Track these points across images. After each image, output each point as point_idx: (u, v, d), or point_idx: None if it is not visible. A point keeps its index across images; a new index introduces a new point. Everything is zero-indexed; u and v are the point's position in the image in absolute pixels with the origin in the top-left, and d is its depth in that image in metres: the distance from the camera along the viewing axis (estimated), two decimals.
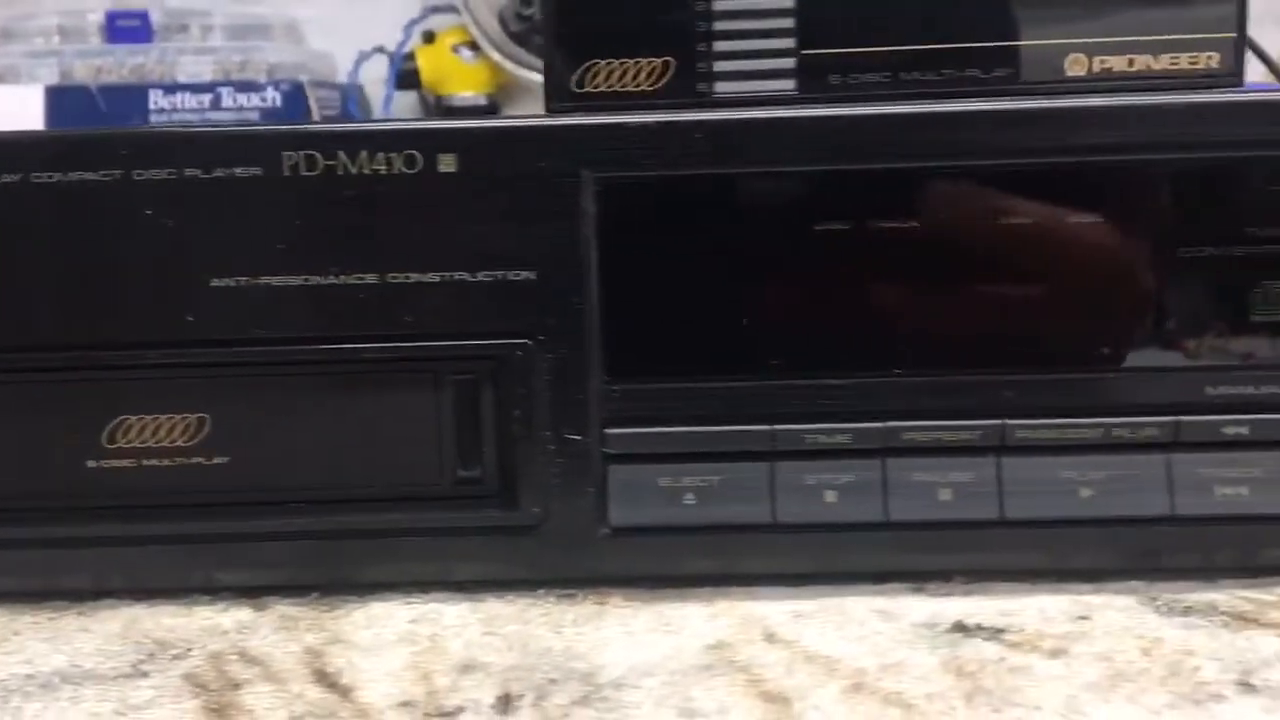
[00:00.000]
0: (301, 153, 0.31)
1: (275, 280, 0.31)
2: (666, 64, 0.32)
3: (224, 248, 0.31)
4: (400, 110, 0.90)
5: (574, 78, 0.32)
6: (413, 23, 1.25)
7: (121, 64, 0.90)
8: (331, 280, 0.31)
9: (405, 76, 0.85)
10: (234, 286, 0.31)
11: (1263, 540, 0.31)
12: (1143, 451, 0.31)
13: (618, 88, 0.32)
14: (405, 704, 0.27)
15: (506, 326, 0.31)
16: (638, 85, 0.32)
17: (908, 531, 0.32)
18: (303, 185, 0.31)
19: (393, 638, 0.31)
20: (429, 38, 1.20)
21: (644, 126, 0.31)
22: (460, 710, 0.27)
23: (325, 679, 0.28)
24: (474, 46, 1.11)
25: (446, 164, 0.31)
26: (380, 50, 1.17)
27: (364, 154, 0.30)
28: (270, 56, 1.14)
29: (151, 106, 0.98)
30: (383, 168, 0.31)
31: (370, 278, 0.31)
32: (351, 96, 0.80)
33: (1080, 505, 0.31)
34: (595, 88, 0.32)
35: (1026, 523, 0.31)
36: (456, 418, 0.32)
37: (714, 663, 0.28)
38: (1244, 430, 0.31)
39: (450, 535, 0.33)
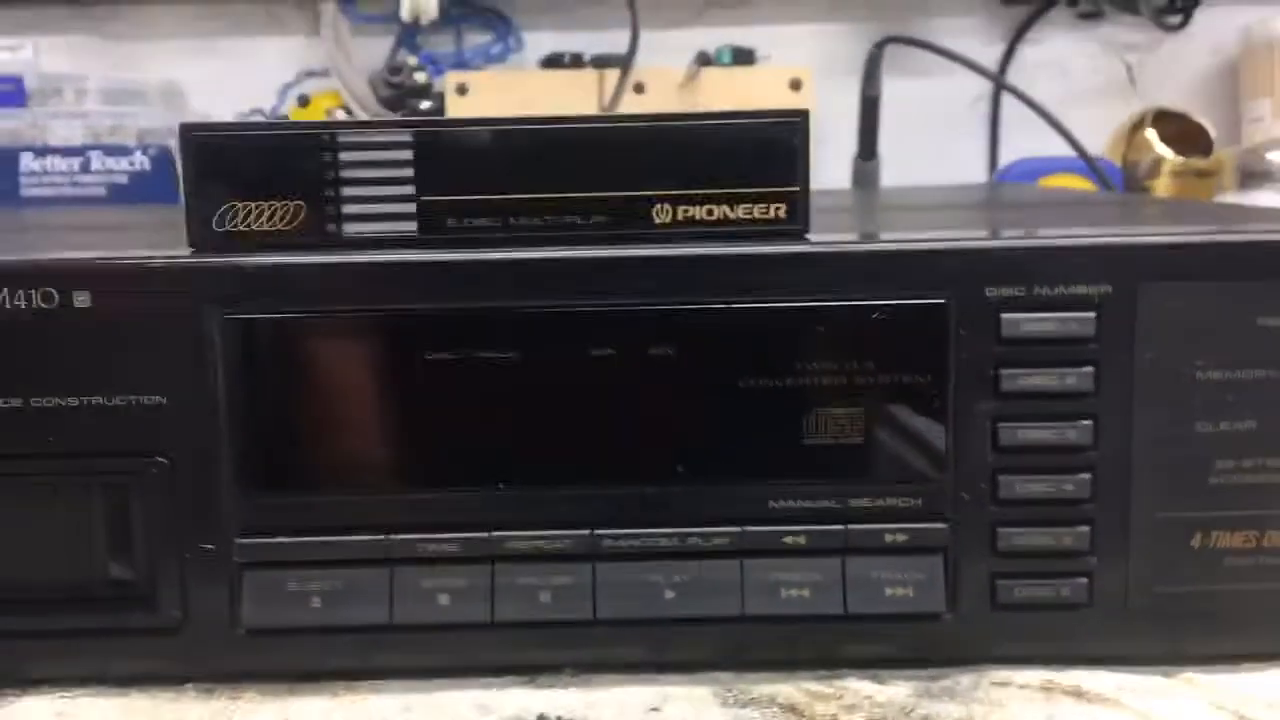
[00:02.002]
0: None
1: None
2: (299, 207, 0.35)
3: None
4: None
5: (213, 218, 0.35)
6: (287, 87, 1.28)
7: None
8: None
9: None
10: None
11: (828, 637, 0.35)
12: (715, 558, 0.35)
13: (254, 227, 0.35)
14: None
15: (142, 446, 0.34)
16: (273, 225, 0.35)
17: (514, 630, 0.35)
18: None
19: None
20: (304, 101, 1.24)
21: (268, 267, 0.34)
22: None
23: None
24: (347, 110, 1.15)
25: (81, 300, 0.34)
26: (258, 112, 1.21)
27: (4, 291, 0.33)
28: (142, 121, 1.17)
29: (22, 169, 1.00)
30: (22, 304, 0.34)
31: (15, 402, 0.34)
32: None
33: (666, 605, 0.35)
34: (234, 227, 0.35)
35: (618, 622, 0.35)
36: (107, 527, 0.35)
37: None
38: (801, 539, 0.35)
39: (102, 635, 0.35)
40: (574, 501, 0.35)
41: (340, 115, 1.22)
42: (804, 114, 0.35)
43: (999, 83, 1.12)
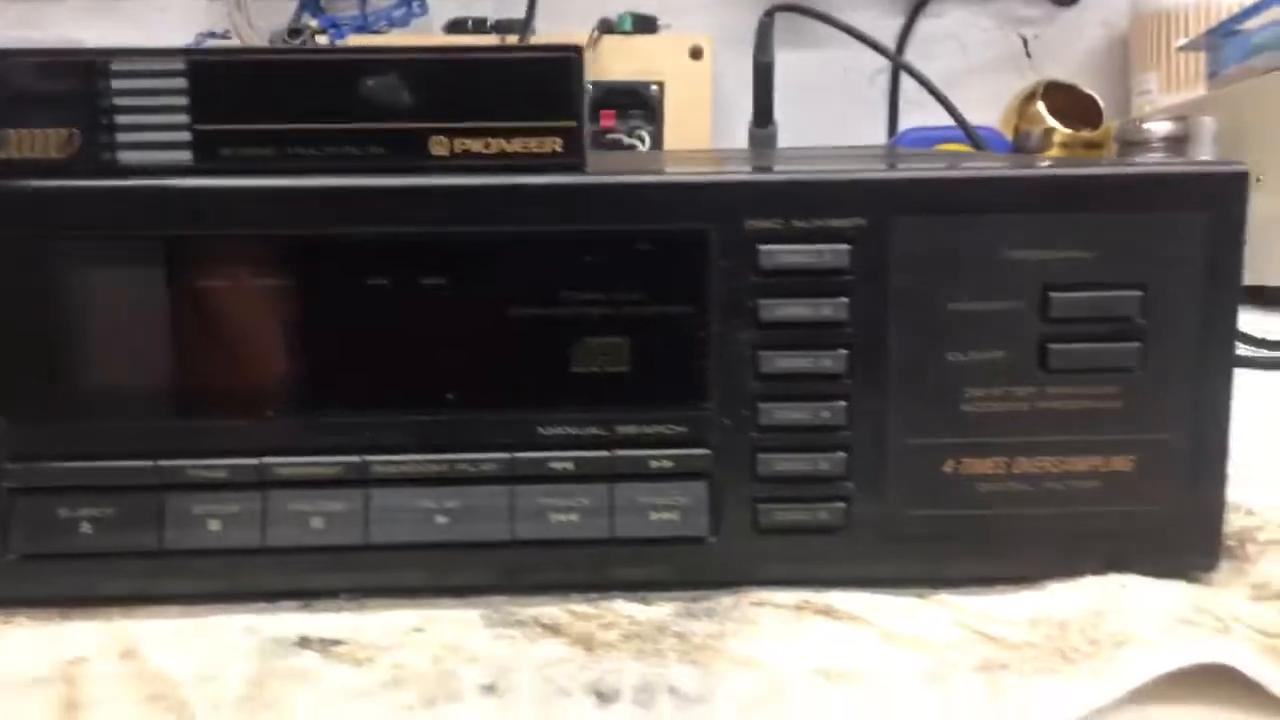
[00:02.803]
0: None
1: None
2: (72, 134, 0.35)
3: None
4: None
5: None
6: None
7: None
8: None
9: None
10: None
11: (597, 560, 0.36)
12: (486, 484, 0.35)
13: (28, 154, 0.35)
14: None
15: None
16: (47, 152, 0.35)
17: (287, 555, 0.35)
18: None
19: None
20: None
21: (37, 192, 0.34)
22: None
23: None
24: None
25: None
26: None
27: None
28: None
29: None
30: None
31: None
32: None
33: (439, 531, 0.36)
34: (7, 154, 0.35)
35: (391, 546, 0.35)
36: None
37: (50, 677, 0.32)
38: (569, 465, 0.35)
39: None
40: (345, 428, 0.35)
41: None
42: (578, 49, 0.36)
43: (888, 55, 1.13)
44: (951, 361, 0.35)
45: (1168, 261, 0.34)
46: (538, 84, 0.36)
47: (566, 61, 0.36)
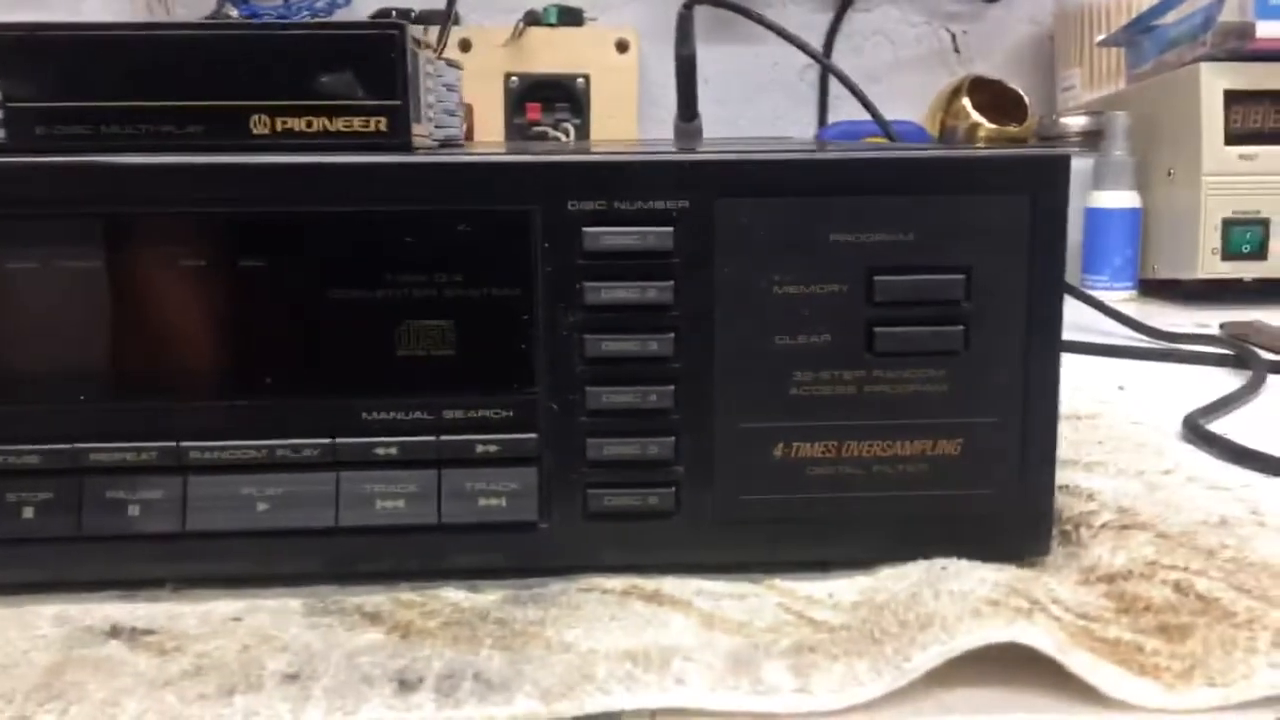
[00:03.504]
0: None
1: None
2: None
3: None
4: None
5: None
6: None
7: None
8: None
9: None
10: None
11: (424, 548, 0.36)
12: (308, 470, 0.35)
13: None
14: None
15: None
16: None
17: (102, 543, 0.35)
18: None
19: None
20: None
21: None
22: None
23: None
24: None
25: None
26: None
27: None
28: None
29: None
30: None
31: None
32: None
33: (259, 518, 0.35)
34: None
35: (210, 534, 0.35)
36: None
37: None
38: (394, 451, 0.35)
39: None
40: (161, 414, 0.35)
41: None
42: (400, 26, 0.35)
43: (810, 53, 1.13)
44: (779, 345, 0.35)
45: (990, 245, 0.34)
46: (361, 62, 0.35)
47: (389, 39, 0.35)
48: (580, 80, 1.24)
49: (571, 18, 1.26)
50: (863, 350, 0.35)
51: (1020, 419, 0.35)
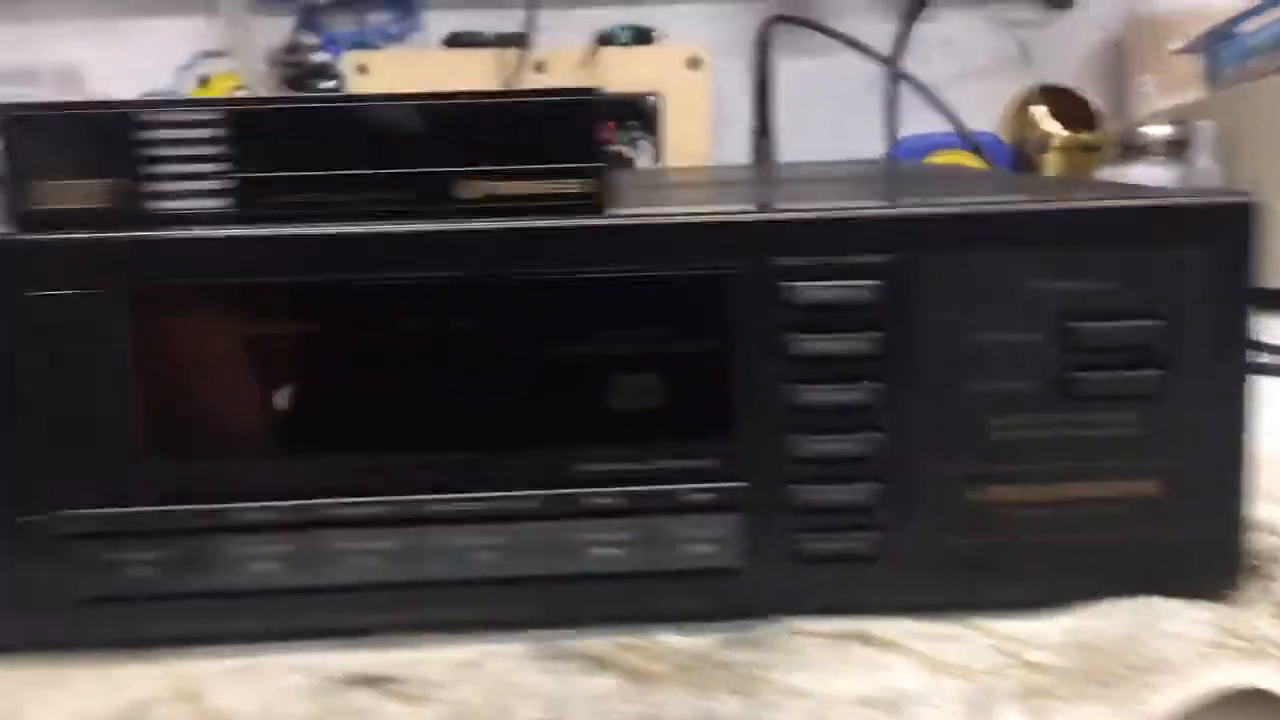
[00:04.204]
0: None
1: None
2: (111, 185, 0.36)
3: None
4: None
5: (27, 195, 0.36)
6: (182, 69, 1.27)
7: None
8: None
9: None
10: None
11: (637, 593, 0.37)
12: (529, 520, 0.36)
13: (68, 205, 0.36)
14: None
15: None
16: (87, 203, 0.36)
17: (338, 594, 0.36)
18: None
19: None
20: (203, 81, 1.23)
21: (73, 244, 0.35)
22: None
23: None
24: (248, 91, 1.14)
25: None
26: (154, 94, 1.19)
27: None
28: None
29: None
30: None
31: None
32: None
33: (484, 567, 0.36)
34: (47, 205, 0.36)
35: (439, 583, 0.36)
36: None
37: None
38: (607, 501, 0.36)
39: None
40: (389, 470, 0.36)
41: (242, 95, 1.21)
42: (594, 90, 0.36)
43: (884, 61, 1.14)
44: (978, 391, 0.36)
45: (1184, 290, 0.35)
46: (557, 127, 0.36)
47: (585, 105, 0.36)
48: (653, 98, 1.25)
49: (643, 37, 1.28)
50: (1060, 395, 0.36)
51: (1214, 458, 0.36)
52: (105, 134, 0.36)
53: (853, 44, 1.09)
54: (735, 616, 0.37)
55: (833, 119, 1.40)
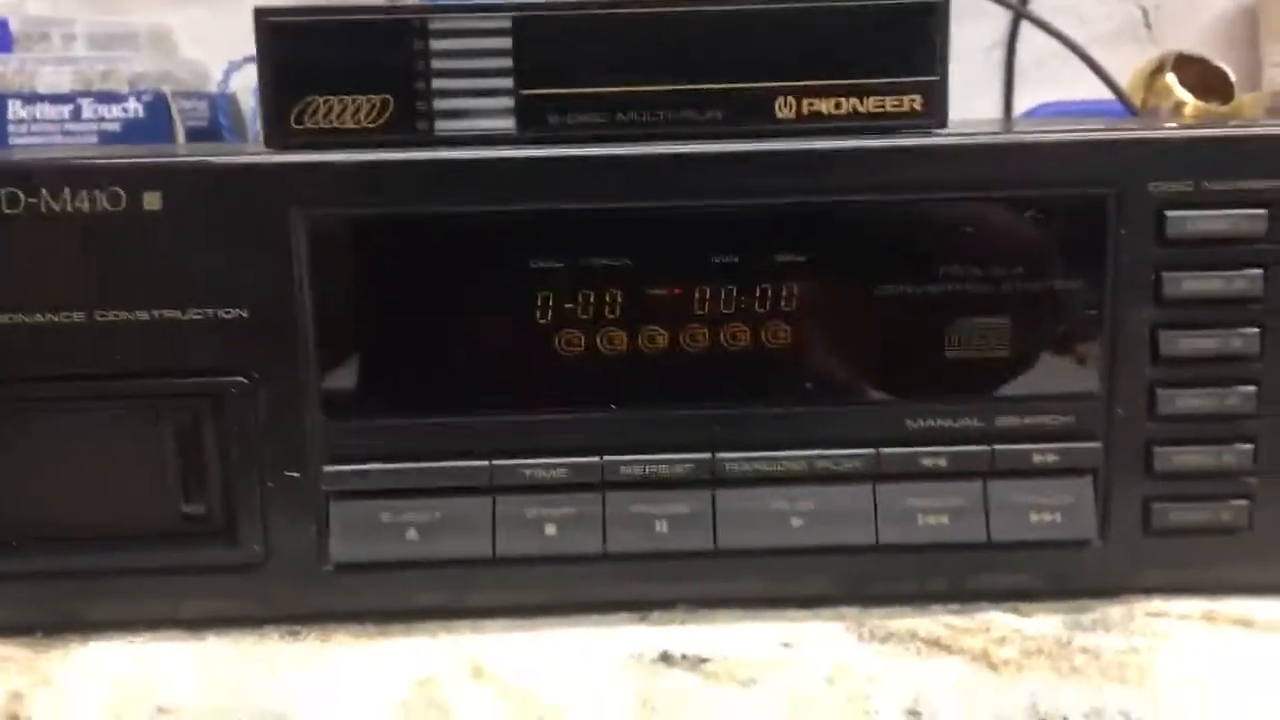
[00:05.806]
0: (3, 190, 0.30)
1: None
2: (385, 101, 0.32)
3: None
4: None
5: (291, 114, 0.32)
6: None
7: None
8: (38, 319, 0.31)
9: None
10: None
11: (966, 566, 0.33)
12: (847, 482, 0.32)
13: (336, 124, 0.32)
14: None
15: (220, 364, 0.31)
16: (357, 122, 0.32)
17: (627, 562, 0.32)
18: (3, 223, 0.30)
19: (103, 680, 0.30)
20: None
21: (354, 165, 0.31)
22: None
23: None
24: None
25: (151, 202, 0.30)
26: (251, 60, 1.15)
27: (66, 191, 0.30)
28: (135, 66, 1.11)
29: (10, 117, 0.95)
30: (85, 205, 0.30)
31: (78, 316, 0.31)
32: (221, 106, 0.79)
33: (792, 535, 0.32)
34: (314, 124, 0.32)
35: (740, 552, 0.32)
36: (180, 454, 0.32)
37: (413, 701, 0.29)
38: (942, 461, 0.32)
39: (176, 573, 0.32)
40: (692, 423, 0.32)
41: None
42: None
43: (1019, 12, 1.09)
44: None
45: None
46: (896, 36, 0.32)
47: (930, 8, 0.32)
48: None
49: None
50: None
51: None
52: (379, 45, 0.32)
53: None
54: (1072, 595, 0.33)
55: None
